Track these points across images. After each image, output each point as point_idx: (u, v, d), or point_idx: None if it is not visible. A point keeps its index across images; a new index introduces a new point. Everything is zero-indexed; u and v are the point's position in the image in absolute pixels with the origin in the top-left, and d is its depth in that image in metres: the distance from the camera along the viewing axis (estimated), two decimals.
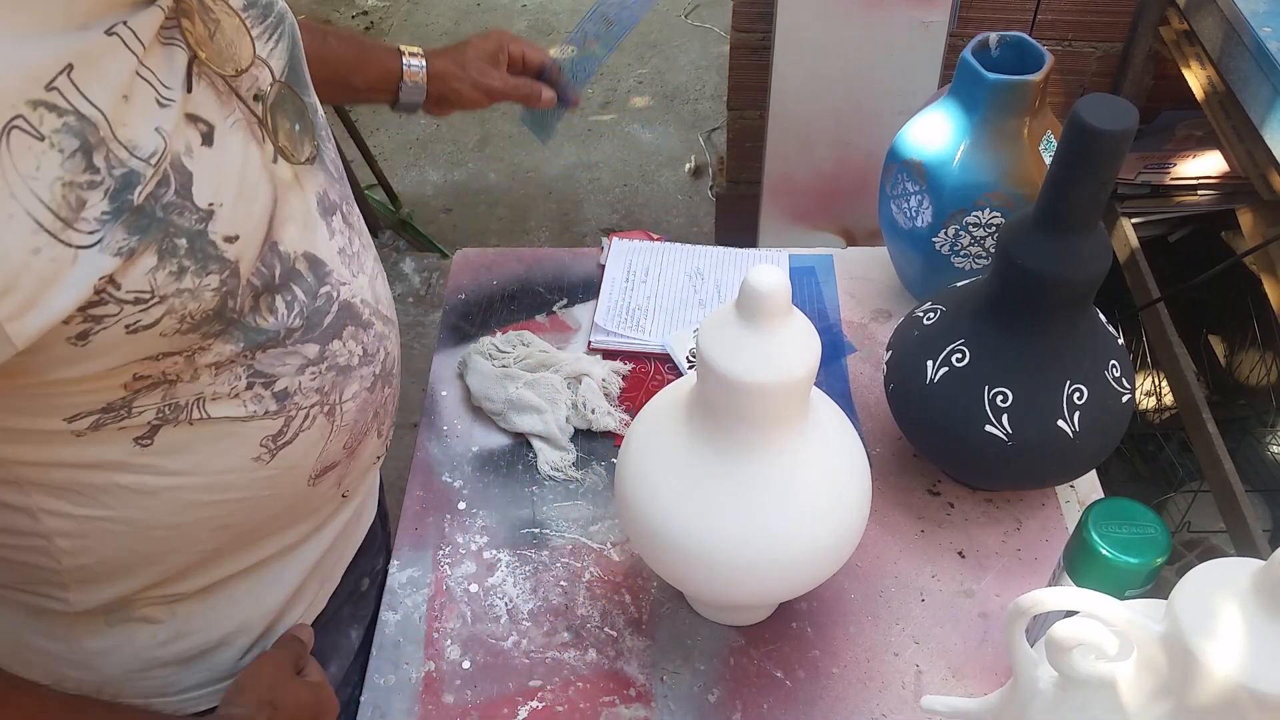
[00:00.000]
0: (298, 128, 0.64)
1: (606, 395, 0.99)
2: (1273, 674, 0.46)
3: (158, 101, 0.51)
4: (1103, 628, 0.52)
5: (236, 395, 0.61)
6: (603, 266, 1.14)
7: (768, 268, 0.63)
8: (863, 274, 1.13)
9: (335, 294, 0.66)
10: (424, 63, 0.96)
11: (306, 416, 0.66)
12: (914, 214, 0.98)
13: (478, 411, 1.00)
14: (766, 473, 0.69)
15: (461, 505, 0.92)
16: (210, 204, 0.54)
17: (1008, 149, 0.92)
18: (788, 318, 0.65)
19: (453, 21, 3.28)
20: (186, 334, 0.55)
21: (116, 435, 0.57)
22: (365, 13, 3.35)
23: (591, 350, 1.05)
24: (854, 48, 1.70)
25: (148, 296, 0.51)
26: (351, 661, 0.88)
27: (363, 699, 0.79)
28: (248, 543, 0.70)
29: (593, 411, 0.96)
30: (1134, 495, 0.71)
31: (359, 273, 0.70)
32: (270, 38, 0.63)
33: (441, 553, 0.88)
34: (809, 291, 1.11)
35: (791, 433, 0.69)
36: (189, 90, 0.53)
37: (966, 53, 0.92)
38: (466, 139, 2.84)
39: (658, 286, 1.11)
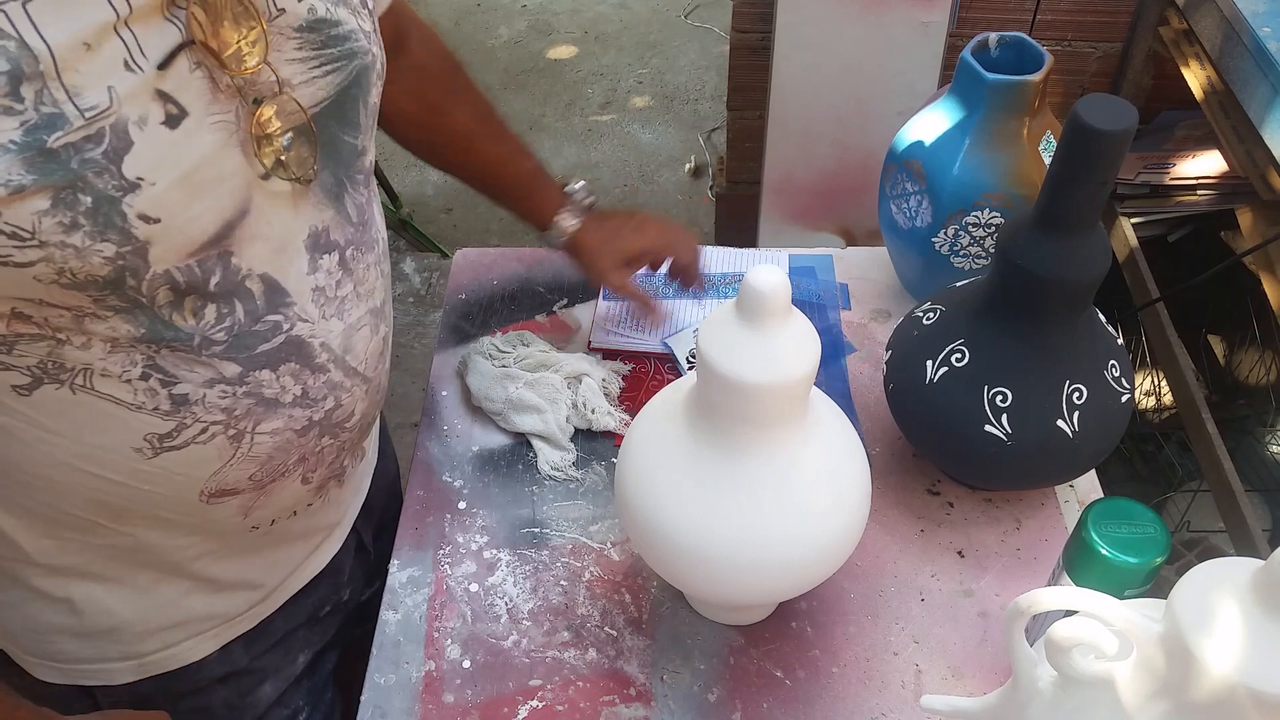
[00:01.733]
0: (307, 156, 0.63)
1: (606, 395, 0.99)
2: (1272, 674, 0.46)
3: (125, 63, 0.51)
4: (1102, 627, 0.52)
5: (128, 381, 0.59)
6: None
7: (768, 268, 0.63)
8: (862, 274, 1.13)
9: (288, 326, 0.64)
10: (575, 225, 0.99)
11: (204, 430, 0.63)
12: (914, 214, 0.98)
13: (478, 411, 1.00)
14: (766, 473, 0.69)
15: (462, 505, 0.92)
16: (139, 178, 0.52)
17: (1007, 149, 0.92)
18: (788, 318, 0.65)
19: (453, 22, 3.28)
20: (68, 289, 0.53)
21: None
22: None
23: (591, 350, 1.05)
24: (854, 48, 1.70)
25: (26, 235, 0.50)
26: (293, 684, 0.87)
27: (363, 699, 0.79)
28: (136, 533, 0.68)
29: (593, 411, 0.96)
30: (1133, 495, 0.71)
31: (333, 317, 0.68)
32: (321, 66, 0.63)
33: (442, 552, 0.88)
34: (809, 292, 1.11)
35: (791, 433, 0.69)
36: (160, 67, 0.52)
37: (966, 53, 0.93)
38: None
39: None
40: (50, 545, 0.68)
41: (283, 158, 0.61)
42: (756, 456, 0.68)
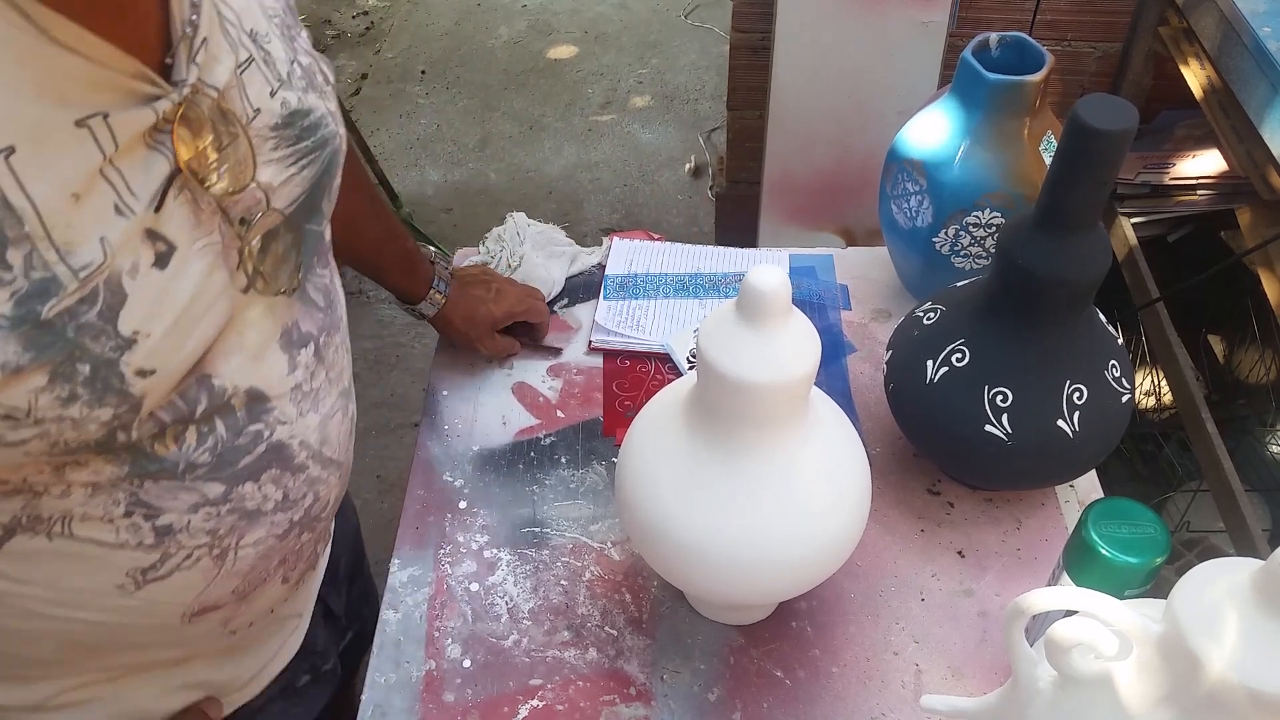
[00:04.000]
0: (285, 259, 0.59)
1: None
2: (1272, 674, 0.46)
3: (115, 207, 0.45)
4: (1102, 627, 0.52)
5: (111, 520, 0.54)
6: (603, 266, 1.14)
7: (768, 268, 0.63)
8: (863, 274, 1.13)
9: (268, 433, 0.59)
10: (442, 299, 0.99)
11: (189, 556, 0.58)
12: (914, 214, 0.98)
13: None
14: (766, 473, 0.69)
15: (462, 504, 0.92)
16: (135, 332, 0.47)
17: (1008, 149, 0.92)
18: (788, 318, 0.65)
19: (453, 22, 3.28)
20: (56, 456, 0.49)
21: None
22: (365, 13, 3.35)
23: (592, 350, 1.06)
24: (854, 48, 1.70)
25: (21, 415, 0.45)
26: None
27: (363, 698, 0.79)
28: (110, 661, 0.64)
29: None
30: (1134, 495, 0.71)
31: (310, 412, 0.63)
32: (297, 162, 0.58)
33: (442, 552, 0.89)
34: (809, 292, 1.11)
35: (791, 433, 0.69)
36: (157, 209, 0.47)
37: (967, 53, 0.93)
38: (467, 139, 2.84)
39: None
40: (11, 686, 0.62)
41: (261, 269, 0.56)
42: (756, 456, 0.68)
